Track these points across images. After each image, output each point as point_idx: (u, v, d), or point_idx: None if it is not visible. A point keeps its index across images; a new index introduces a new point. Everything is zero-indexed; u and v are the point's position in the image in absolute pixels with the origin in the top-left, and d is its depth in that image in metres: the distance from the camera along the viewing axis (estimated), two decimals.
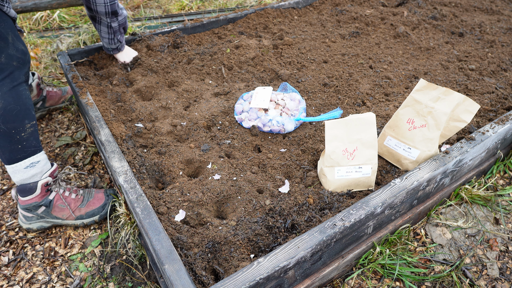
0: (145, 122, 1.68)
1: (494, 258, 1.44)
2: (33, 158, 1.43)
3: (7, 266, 1.45)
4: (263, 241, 1.19)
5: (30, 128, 1.41)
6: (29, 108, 1.41)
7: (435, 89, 1.35)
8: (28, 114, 1.40)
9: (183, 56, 2.15)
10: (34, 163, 1.43)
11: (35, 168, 1.43)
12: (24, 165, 1.41)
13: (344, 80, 2.01)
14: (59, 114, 2.19)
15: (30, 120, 1.40)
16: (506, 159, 1.79)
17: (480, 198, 1.63)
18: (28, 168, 1.42)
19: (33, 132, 1.42)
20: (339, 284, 1.32)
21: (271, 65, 2.10)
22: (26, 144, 1.40)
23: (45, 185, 1.46)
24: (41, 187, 1.44)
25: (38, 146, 1.45)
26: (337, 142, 1.32)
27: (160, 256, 1.03)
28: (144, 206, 1.19)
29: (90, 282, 1.39)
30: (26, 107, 1.39)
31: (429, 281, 1.35)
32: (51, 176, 1.48)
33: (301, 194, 1.34)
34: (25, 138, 1.39)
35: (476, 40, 2.48)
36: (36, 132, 1.44)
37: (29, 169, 1.42)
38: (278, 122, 1.61)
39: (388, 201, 1.21)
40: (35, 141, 1.43)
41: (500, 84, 2.01)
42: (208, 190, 1.36)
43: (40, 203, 1.46)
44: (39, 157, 1.45)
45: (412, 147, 1.39)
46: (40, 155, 1.46)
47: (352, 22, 2.68)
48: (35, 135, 1.43)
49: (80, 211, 1.53)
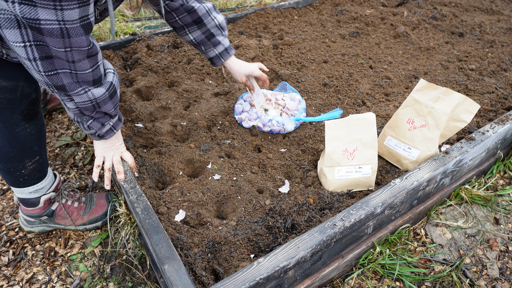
0: (145, 122, 1.68)
1: (494, 258, 1.44)
2: (37, 186, 1.36)
3: (7, 266, 1.45)
4: (263, 241, 1.19)
5: (32, 165, 1.29)
6: (31, 148, 1.26)
7: (435, 89, 1.35)
8: (29, 154, 1.26)
9: (183, 56, 2.15)
10: (38, 190, 1.37)
11: (39, 192, 1.38)
12: (28, 191, 1.36)
13: (344, 80, 2.01)
14: (59, 114, 2.19)
15: (31, 159, 1.28)
16: (506, 159, 1.79)
17: (480, 198, 1.63)
18: (32, 193, 1.37)
19: (36, 167, 1.31)
20: (339, 284, 1.32)
21: (271, 65, 2.10)
22: (28, 178, 1.31)
23: (47, 199, 1.43)
24: (44, 201, 1.41)
25: (43, 176, 1.36)
26: (337, 142, 1.32)
27: (160, 256, 1.03)
28: (144, 206, 1.19)
29: (90, 282, 1.39)
30: (25, 148, 1.24)
31: (429, 281, 1.35)
32: (54, 191, 1.44)
33: (301, 194, 1.34)
34: (26, 174, 1.30)
35: (476, 40, 2.48)
36: (41, 165, 1.33)
37: (33, 193, 1.37)
38: (278, 122, 1.61)
39: (388, 201, 1.21)
40: (39, 173, 1.33)
41: (500, 84, 2.01)
42: (208, 190, 1.36)
43: (43, 213, 1.45)
44: (44, 184, 1.37)
45: (412, 147, 1.39)
46: (44, 182, 1.37)
47: (352, 22, 2.68)
48: (39, 168, 1.32)
49: (83, 219, 1.52)
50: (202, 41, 1.56)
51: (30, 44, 0.93)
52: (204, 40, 1.55)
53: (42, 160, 1.33)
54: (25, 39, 0.92)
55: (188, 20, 1.49)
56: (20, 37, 0.91)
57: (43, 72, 0.99)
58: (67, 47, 0.96)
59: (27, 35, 0.91)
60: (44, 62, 0.97)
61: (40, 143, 1.30)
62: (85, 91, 1.08)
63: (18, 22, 0.90)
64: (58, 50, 0.96)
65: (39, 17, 0.86)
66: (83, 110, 1.14)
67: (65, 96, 1.08)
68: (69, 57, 0.99)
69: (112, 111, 1.21)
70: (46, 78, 1.00)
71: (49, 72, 0.99)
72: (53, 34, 0.90)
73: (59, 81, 1.02)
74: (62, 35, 0.92)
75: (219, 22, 1.54)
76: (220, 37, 1.56)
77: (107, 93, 1.14)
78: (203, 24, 1.51)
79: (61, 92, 1.06)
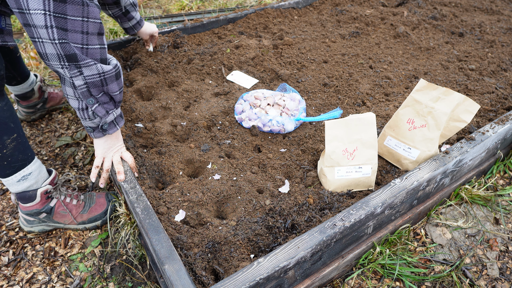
0: (145, 122, 1.68)
1: (494, 258, 1.44)
2: (23, 171, 1.35)
3: (7, 266, 1.45)
4: (263, 241, 1.19)
5: (12, 143, 1.29)
6: (6, 123, 1.26)
7: (435, 89, 1.35)
8: (6, 130, 1.27)
9: (183, 56, 2.15)
10: (26, 176, 1.36)
11: (28, 180, 1.37)
12: (16, 179, 1.35)
13: (344, 80, 2.01)
14: (59, 114, 2.19)
15: (9, 135, 1.28)
16: (506, 159, 1.79)
17: (480, 198, 1.63)
18: (21, 181, 1.36)
19: (17, 146, 1.31)
20: (339, 284, 1.32)
21: (271, 65, 2.10)
22: (11, 160, 1.31)
23: (44, 193, 1.42)
24: (40, 195, 1.41)
25: (27, 159, 1.35)
26: (337, 142, 1.32)
27: (160, 256, 1.03)
28: (144, 206, 1.19)
29: (90, 282, 1.39)
30: (1, 123, 1.25)
31: (429, 281, 1.35)
32: (51, 184, 1.44)
33: (301, 194, 1.34)
34: (8, 154, 1.29)
35: (476, 40, 2.48)
36: (21, 145, 1.33)
37: (22, 182, 1.36)
38: (278, 122, 1.61)
39: (388, 201, 1.21)
40: (21, 154, 1.33)
41: (500, 84, 2.01)
42: (208, 190, 1.36)
43: (41, 210, 1.45)
44: (30, 169, 1.37)
45: (412, 147, 1.39)
46: (30, 167, 1.37)
47: (352, 22, 2.68)
48: (20, 148, 1.32)
49: (82, 217, 1.52)
50: (119, 16, 1.88)
51: (50, 14, 0.99)
52: (121, 15, 1.88)
53: (22, 141, 1.33)
54: (46, 8, 0.98)
55: (109, 1, 1.78)
56: (42, 5, 0.98)
57: (57, 39, 1.03)
58: (84, 17, 1.05)
59: (49, 5, 0.99)
60: (60, 31, 1.03)
61: (15, 121, 1.30)
62: (94, 63, 1.12)
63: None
64: (76, 20, 1.04)
65: None
66: (91, 87, 1.16)
67: (74, 69, 1.10)
68: (84, 28, 1.07)
69: (117, 94, 1.24)
70: (59, 46, 1.04)
71: (63, 40, 1.04)
72: (75, 1, 1.01)
73: (71, 50, 1.06)
74: (82, 3, 1.03)
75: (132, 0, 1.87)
76: (134, 12, 1.91)
77: (114, 70, 1.19)
78: (120, 4, 1.82)
79: (71, 65, 1.09)
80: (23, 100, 2.00)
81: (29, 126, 2.11)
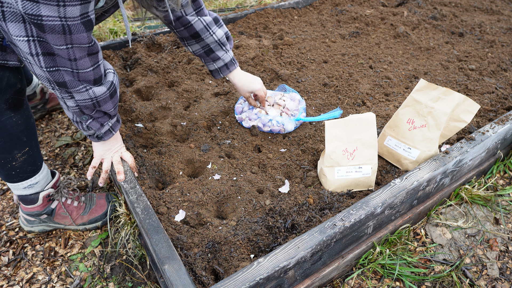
0: (145, 122, 1.68)
1: (494, 258, 1.44)
2: (30, 180, 1.34)
3: (7, 266, 1.45)
4: (263, 241, 1.19)
5: (22, 157, 1.28)
6: (18, 137, 1.25)
7: (435, 89, 1.35)
8: (17, 144, 1.25)
9: (183, 56, 2.15)
10: (33, 185, 1.36)
11: (34, 188, 1.37)
12: (22, 186, 1.35)
13: (344, 80, 2.01)
14: (59, 114, 2.19)
15: (20, 150, 1.26)
16: (506, 159, 1.79)
17: (480, 198, 1.63)
18: (27, 188, 1.36)
19: (27, 159, 1.30)
20: (339, 284, 1.32)
21: (271, 65, 2.10)
22: (20, 171, 1.30)
23: (46, 196, 1.42)
24: (42, 198, 1.41)
25: (36, 170, 1.34)
26: (337, 142, 1.32)
27: (160, 256, 1.03)
28: (144, 206, 1.19)
29: (90, 282, 1.39)
30: (13, 137, 1.23)
31: (429, 281, 1.35)
32: (53, 187, 1.44)
33: (301, 194, 1.34)
34: (17, 166, 1.29)
35: (476, 40, 2.48)
36: (31, 157, 1.31)
37: (28, 189, 1.36)
38: (278, 122, 1.61)
39: (388, 201, 1.21)
40: (30, 166, 1.32)
41: (500, 84, 2.01)
42: (208, 190, 1.36)
43: (42, 212, 1.45)
44: (38, 178, 1.36)
45: (412, 147, 1.39)
46: (38, 176, 1.36)
47: (352, 22, 2.68)
48: (30, 160, 1.31)
49: (83, 218, 1.52)
50: (201, 55, 1.55)
51: (33, 39, 0.93)
52: (202, 54, 1.54)
53: (33, 153, 1.32)
54: (29, 33, 0.92)
55: (185, 34, 1.48)
56: (24, 31, 0.91)
57: (45, 67, 0.99)
58: (68, 44, 0.96)
59: (31, 30, 0.92)
60: (46, 58, 0.97)
61: (29, 135, 1.28)
62: (86, 89, 1.08)
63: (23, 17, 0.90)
64: (59, 48, 0.96)
65: (41, 13, 0.86)
66: (83, 109, 1.14)
67: (66, 94, 1.07)
68: (70, 55, 0.99)
69: (111, 111, 1.21)
70: (48, 74, 1.00)
71: (51, 68, 0.99)
72: (54, 30, 0.90)
73: (60, 78, 1.02)
74: (63, 32, 0.92)
75: (218, 37, 1.50)
76: (220, 52, 1.53)
77: (108, 92, 1.15)
78: (201, 39, 1.48)
79: (62, 89, 1.06)
80: None
81: None
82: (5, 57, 1.13)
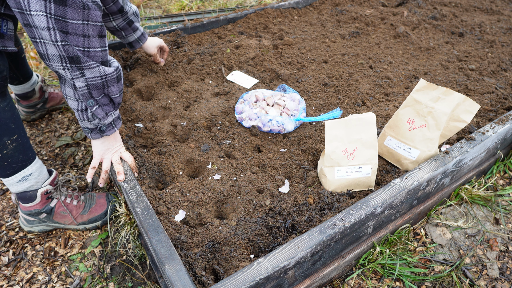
0: (145, 122, 1.68)
1: (494, 258, 1.44)
2: (23, 172, 1.35)
3: (7, 266, 1.45)
4: (263, 241, 1.19)
5: (12, 144, 1.29)
6: (6, 124, 1.26)
7: (435, 89, 1.35)
8: (6, 131, 1.26)
9: (183, 56, 2.15)
10: (26, 177, 1.36)
11: (28, 181, 1.37)
12: (16, 180, 1.35)
13: (344, 80, 2.01)
14: (59, 114, 2.19)
15: (9, 136, 1.27)
16: (506, 159, 1.79)
17: (480, 198, 1.63)
18: (21, 182, 1.36)
19: (17, 147, 1.30)
20: (339, 284, 1.32)
21: (271, 65, 2.10)
22: (11, 161, 1.30)
23: (45, 193, 1.42)
24: (41, 195, 1.41)
25: (27, 159, 1.35)
26: (337, 142, 1.32)
27: (160, 256, 1.03)
28: (144, 206, 1.19)
29: (90, 282, 1.39)
30: (1, 124, 1.24)
31: (429, 281, 1.35)
32: (51, 184, 1.44)
33: (301, 194, 1.34)
34: (8, 155, 1.29)
35: (476, 40, 2.48)
36: (22, 146, 1.32)
37: (22, 182, 1.36)
38: (278, 122, 1.61)
39: (388, 201, 1.21)
40: (21, 155, 1.32)
41: (500, 84, 2.01)
42: (208, 190, 1.36)
43: (41, 210, 1.44)
44: (30, 170, 1.36)
45: (412, 147, 1.39)
46: (31, 168, 1.36)
47: (352, 22, 2.68)
48: (20, 149, 1.32)
49: (82, 217, 1.52)
50: (123, 27, 1.75)
51: (51, 17, 1.00)
52: (125, 26, 1.74)
53: (22, 142, 1.32)
54: (48, 10, 0.98)
55: (113, 9, 1.65)
56: (43, 7, 0.98)
57: (60, 41, 1.04)
58: (84, 20, 1.05)
59: (50, 8, 0.98)
60: (61, 33, 1.03)
61: (16, 122, 1.30)
62: (97, 65, 1.13)
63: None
64: (76, 23, 1.04)
65: None
66: (92, 89, 1.16)
67: (77, 71, 1.10)
68: (85, 31, 1.07)
69: (117, 97, 1.26)
70: (62, 48, 1.05)
71: (65, 42, 1.04)
72: (75, 4, 1.00)
73: (73, 52, 1.07)
74: (83, 7, 1.02)
75: (134, 10, 1.75)
76: (137, 23, 1.78)
77: (115, 73, 1.20)
78: (125, 12, 1.69)
79: (73, 66, 1.09)
80: (23, 99, 2.01)
81: (29, 126, 2.11)
82: (4, 43, 1.20)
